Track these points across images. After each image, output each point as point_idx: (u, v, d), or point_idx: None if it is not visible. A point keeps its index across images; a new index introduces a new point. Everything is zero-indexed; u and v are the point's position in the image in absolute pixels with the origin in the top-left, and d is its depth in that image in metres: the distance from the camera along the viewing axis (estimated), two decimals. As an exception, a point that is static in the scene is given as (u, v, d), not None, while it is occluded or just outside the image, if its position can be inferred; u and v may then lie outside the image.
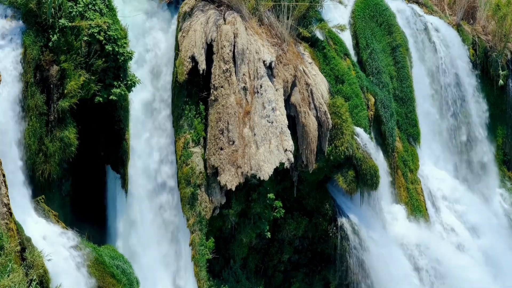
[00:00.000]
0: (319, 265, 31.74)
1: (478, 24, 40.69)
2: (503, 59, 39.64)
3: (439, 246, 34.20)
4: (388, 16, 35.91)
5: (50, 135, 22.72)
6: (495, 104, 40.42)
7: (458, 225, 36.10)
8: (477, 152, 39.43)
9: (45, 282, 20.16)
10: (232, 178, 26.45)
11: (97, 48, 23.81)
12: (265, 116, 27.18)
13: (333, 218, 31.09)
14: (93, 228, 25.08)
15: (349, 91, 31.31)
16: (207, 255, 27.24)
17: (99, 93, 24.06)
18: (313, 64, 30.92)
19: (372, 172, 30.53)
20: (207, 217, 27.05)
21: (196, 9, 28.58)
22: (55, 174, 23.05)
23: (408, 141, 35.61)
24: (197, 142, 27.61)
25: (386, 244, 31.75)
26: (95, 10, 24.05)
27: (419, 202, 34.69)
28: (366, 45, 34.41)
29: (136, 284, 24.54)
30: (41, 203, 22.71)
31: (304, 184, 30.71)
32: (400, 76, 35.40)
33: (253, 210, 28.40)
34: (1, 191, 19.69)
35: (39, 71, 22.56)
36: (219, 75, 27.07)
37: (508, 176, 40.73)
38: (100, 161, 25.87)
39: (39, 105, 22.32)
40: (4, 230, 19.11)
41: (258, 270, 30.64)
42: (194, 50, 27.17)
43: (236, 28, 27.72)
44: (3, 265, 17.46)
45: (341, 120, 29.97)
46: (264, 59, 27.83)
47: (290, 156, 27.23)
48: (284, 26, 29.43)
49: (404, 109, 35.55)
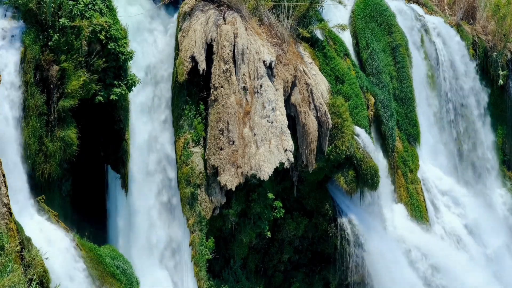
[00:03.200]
0: (319, 265, 31.74)
1: (478, 24, 40.72)
2: (503, 59, 39.67)
3: (439, 246, 34.22)
4: (388, 16, 35.92)
5: (50, 135, 22.70)
6: (495, 104, 40.45)
7: (458, 225, 36.12)
8: (477, 152, 39.45)
9: (45, 282, 20.14)
10: (232, 178, 26.44)
11: (97, 48, 23.81)
12: (265, 116, 27.18)
13: (333, 218, 31.09)
14: (93, 228, 25.07)
15: (349, 91, 31.32)
16: (207, 255, 27.23)
17: (99, 93, 24.05)
18: (313, 64, 30.92)
19: (372, 172, 30.53)
20: (207, 217, 27.04)
21: (196, 9, 28.58)
22: (55, 174, 23.03)
23: (408, 141, 35.62)
24: (197, 142, 27.60)
25: (386, 244, 31.75)
26: (95, 10, 24.05)
27: (419, 202, 34.70)
28: (366, 45, 34.42)
29: (136, 284, 24.53)
30: (41, 203, 22.70)
31: (304, 184, 30.71)
32: (400, 76, 35.41)
33: (253, 210, 28.38)
34: (1, 191, 19.66)
35: (39, 71, 22.54)
36: (219, 75, 27.07)
37: (508, 176, 40.74)
38: (100, 161, 25.86)
39: (39, 105, 22.30)
40: (4, 230, 19.10)
41: (258, 270, 30.63)
42: (194, 50, 27.17)
43: (236, 28, 27.72)
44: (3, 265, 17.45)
45: (341, 120, 29.97)
46: (264, 59, 27.83)
47: (290, 156, 27.22)
48: (284, 26, 29.43)
49: (404, 109, 35.57)
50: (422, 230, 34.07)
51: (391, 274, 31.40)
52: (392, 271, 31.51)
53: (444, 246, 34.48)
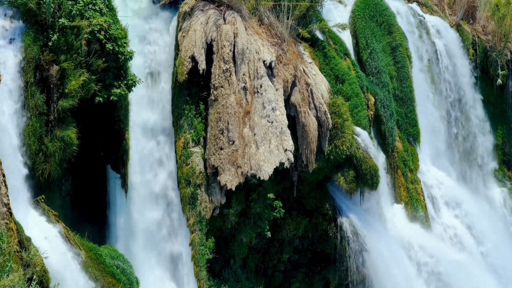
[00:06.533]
0: (319, 265, 31.73)
1: (478, 24, 40.73)
2: (503, 59, 39.68)
3: (439, 245, 34.21)
4: (388, 16, 35.92)
5: (50, 135, 22.71)
6: (495, 104, 40.45)
7: (458, 224, 36.12)
8: (477, 151, 39.45)
9: (45, 282, 20.14)
10: (232, 178, 26.44)
11: (97, 47, 23.80)
12: (265, 116, 27.18)
13: (333, 218, 31.09)
14: (93, 228, 25.09)
15: (349, 91, 31.31)
16: (207, 255, 27.22)
17: (99, 93, 24.05)
18: (313, 64, 30.92)
19: (372, 172, 30.52)
20: (207, 217, 27.04)
21: (196, 9, 28.57)
22: (55, 174, 23.04)
23: (408, 141, 35.61)
24: (197, 142, 27.60)
25: (386, 244, 31.74)
26: (95, 10, 24.04)
27: (419, 202, 34.68)
28: (366, 45, 34.42)
29: (136, 284, 24.53)
30: (41, 203, 22.69)
31: (304, 184, 30.70)
32: (400, 76, 35.40)
33: (253, 210, 28.38)
34: (1, 191, 19.65)
35: (39, 71, 22.54)
36: (219, 75, 27.07)
37: (508, 176, 40.75)
38: (100, 161, 25.86)
39: (39, 105, 22.31)
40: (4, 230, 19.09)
41: (258, 270, 30.63)
42: (194, 50, 27.16)
43: (236, 28, 27.72)
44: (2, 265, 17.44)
45: (341, 120, 29.96)
46: (264, 59, 27.83)
47: (290, 156, 27.22)
48: (284, 26, 29.43)
49: (404, 109, 35.56)
50: (422, 229, 34.07)
51: (391, 273, 31.39)
52: (392, 270, 31.51)
53: (444, 245, 34.48)
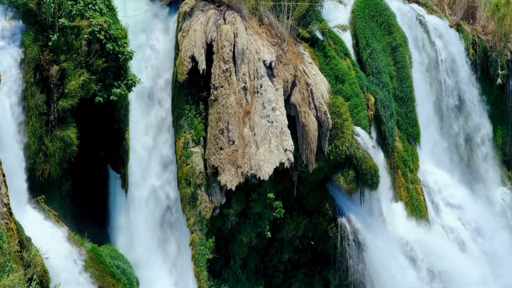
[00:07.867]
0: (319, 265, 31.74)
1: (478, 24, 40.73)
2: (502, 59, 39.69)
3: (439, 245, 34.21)
4: (388, 16, 35.91)
5: (50, 135, 22.71)
6: (495, 104, 40.45)
7: (458, 224, 36.13)
8: (477, 151, 39.44)
9: (45, 282, 20.15)
10: (232, 178, 26.45)
11: (97, 47, 23.80)
12: (265, 116, 27.18)
13: (333, 218, 31.09)
14: (93, 227, 25.07)
15: (349, 91, 31.31)
16: (207, 255, 27.23)
17: (99, 93, 24.04)
18: (313, 64, 30.92)
19: (372, 172, 30.52)
20: (207, 217, 27.04)
21: (196, 9, 28.58)
22: (55, 174, 23.04)
23: (408, 141, 35.61)
24: (197, 142, 27.60)
25: (386, 243, 31.75)
26: (95, 9, 24.03)
27: (419, 201, 34.68)
28: (366, 45, 34.42)
29: (136, 284, 24.54)
30: (41, 203, 22.70)
31: (304, 184, 30.70)
32: (400, 76, 35.40)
33: (253, 210, 28.39)
34: (1, 191, 19.67)
35: (39, 71, 22.55)
36: (219, 75, 27.07)
37: (508, 176, 40.75)
38: (100, 161, 25.86)
39: (39, 105, 22.31)
40: (4, 230, 19.10)
41: (258, 270, 30.63)
42: (194, 50, 27.17)
43: (236, 28, 27.72)
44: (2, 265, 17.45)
45: (341, 120, 29.96)
46: (264, 59, 27.84)
47: (290, 156, 27.23)
48: (284, 26, 29.43)
49: (404, 109, 35.56)
50: (422, 229, 34.07)
51: (391, 273, 31.40)
52: (392, 270, 31.51)
53: (444, 245, 34.47)
